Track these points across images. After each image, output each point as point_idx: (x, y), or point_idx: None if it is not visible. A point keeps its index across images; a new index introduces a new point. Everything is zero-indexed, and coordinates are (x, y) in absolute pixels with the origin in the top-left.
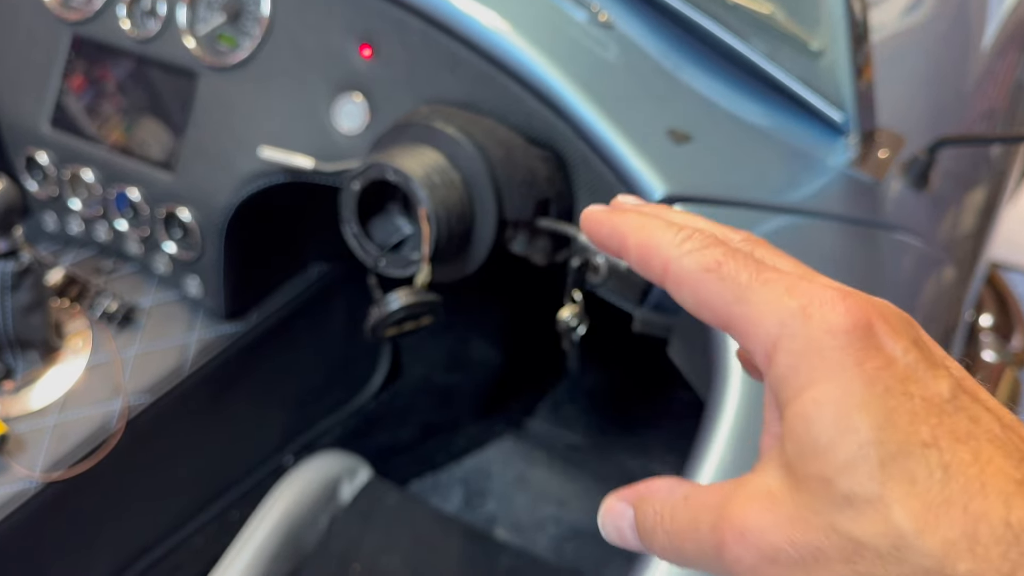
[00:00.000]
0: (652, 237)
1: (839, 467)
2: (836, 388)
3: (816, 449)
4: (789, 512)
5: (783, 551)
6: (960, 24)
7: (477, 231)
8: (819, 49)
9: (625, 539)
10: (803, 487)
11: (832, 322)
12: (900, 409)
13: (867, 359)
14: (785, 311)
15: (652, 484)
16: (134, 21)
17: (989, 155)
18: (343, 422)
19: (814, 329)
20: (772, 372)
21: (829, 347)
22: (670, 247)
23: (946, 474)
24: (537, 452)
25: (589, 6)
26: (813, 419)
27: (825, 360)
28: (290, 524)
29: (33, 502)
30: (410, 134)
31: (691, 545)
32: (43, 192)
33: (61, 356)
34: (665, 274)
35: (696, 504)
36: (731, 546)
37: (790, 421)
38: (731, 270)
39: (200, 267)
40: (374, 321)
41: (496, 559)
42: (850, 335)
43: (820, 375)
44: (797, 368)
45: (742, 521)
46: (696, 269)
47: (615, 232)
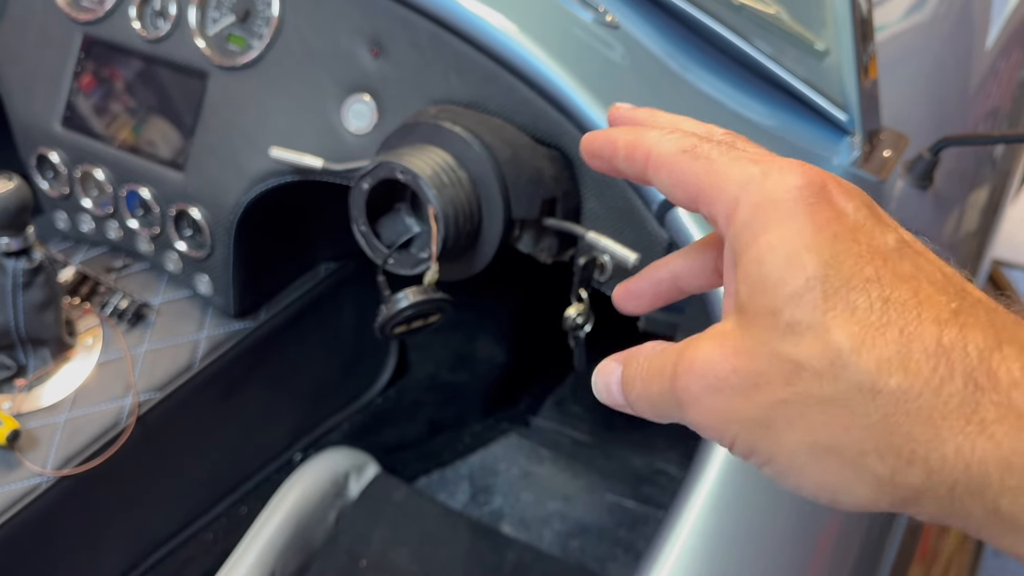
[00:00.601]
0: (639, 135)
1: (785, 299)
2: (788, 232)
3: (766, 285)
4: (736, 344)
5: (726, 379)
6: (964, 24)
7: (484, 230)
8: (824, 49)
9: (612, 395)
10: (751, 322)
11: (788, 180)
12: (847, 252)
13: (818, 211)
14: (747, 175)
15: (641, 347)
16: (144, 21)
17: (992, 154)
18: (351, 418)
19: (771, 185)
20: (731, 230)
21: (783, 199)
22: (653, 138)
23: (886, 305)
24: (543, 449)
25: (595, 7)
26: (765, 259)
27: (779, 210)
28: (299, 519)
29: (45, 497)
30: (418, 134)
31: (656, 386)
32: (55, 191)
33: (73, 353)
34: (647, 162)
35: (666, 350)
36: (681, 377)
37: (745, 267)
38: (705, 150)
39: (210, 265)
40: (383, 319)
41: (502, 554)
42: (803, 190)
43: (774, 223)
44: (753, 219)
45: (693, 355)
46: (674, 151)
47: (607, 140)
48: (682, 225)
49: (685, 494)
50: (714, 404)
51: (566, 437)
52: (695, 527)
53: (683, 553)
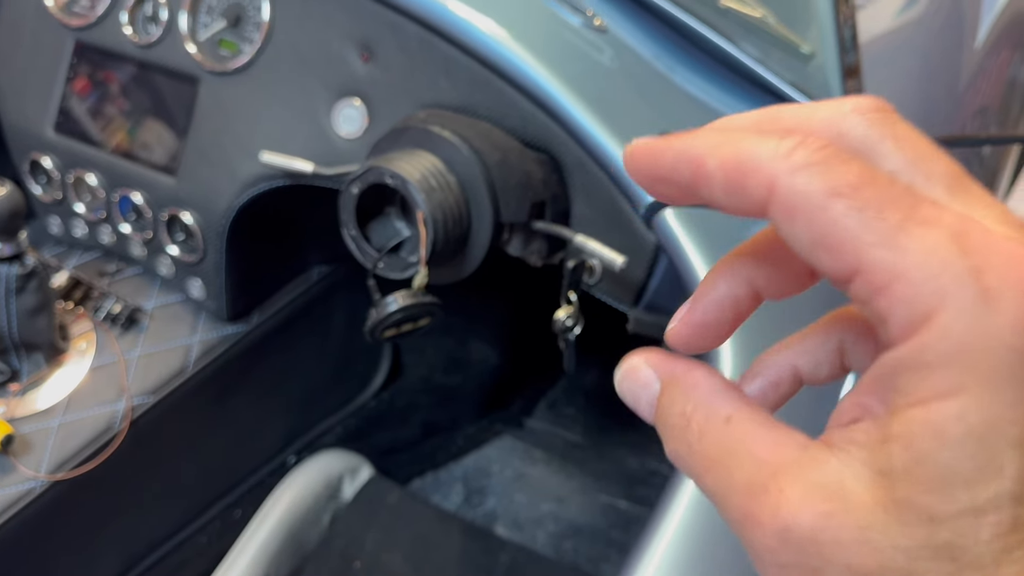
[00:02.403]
0: (744, 150)
1: (959, 511)
2: (995, 408)
3: (938, 477)
4: (859, 529)
5: (832, 569)
6: (953, 22)
7: (474, 234)
8: (809, 52)
9: (640, 410)
10: (896, 512)
11: (1020, 311)
12: None
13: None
14: (951, 271)
15: (692, 370)
16: (136, 27)
17: (981, 153)
18: (344, 421)
19: (995, 313)
20: (909, 350)
21: (1005, 345)
22: (774, 159)
23: None
24: (536, 450)
25: (584, 11)
26: (950, 439)
27: (993, 362)
28: (292, 522)
29: (39, 502)
30: (407, 138)
31: (710, 484)
32: (48, 196)
33: (66, 358)
34: (771, 198)
35: (737, 443)
36: (760, 531)
37: (913, 426)
38: (872, 198)
39: (202, 269)
40: (372, 323)
41: (496, 556)
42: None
43: (978, 381)
44: (950, 360)
45: (792, 513)
46: (819, 192)
47: (683, 156)
48: (669, 228)
49: (672, 491)
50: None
51: (559, 438)
52: (681, 524)
53: (669, 550)
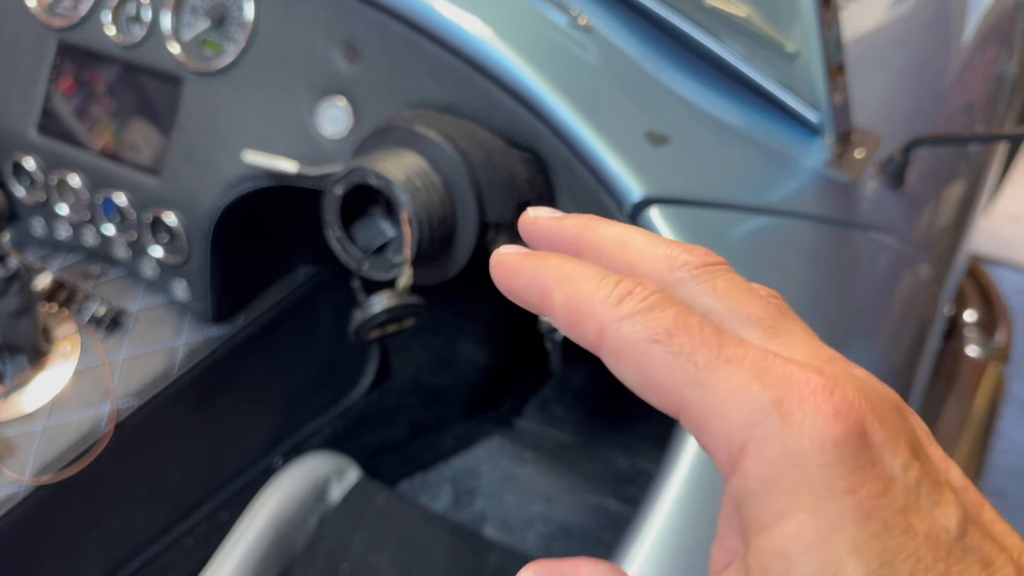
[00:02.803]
0: (581, 291)
1: None
2: (823, 522)
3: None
4: None
5: None
6: (940, 19)
7: (459, 234)
8: (794, 51)
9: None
10: None
11: (819, 430)
12: (901, 553)
13: (862, 484)
14: (755, 405)
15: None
16: (119, 27)
17: (967, 151)
18: (332, 423)
19: (795, 437)
20: (737, 482)
21: (814, 464)
22: (605, 306)
23: None
24: (525, 451)
25: (569, 10)
26: (793, 560)
27: (809, 481)
28: (279, 524)
29: (23, 506)
30: (392, 138)
31: None
32: (30, 198)
33: (50, 360)
34: (600, 342)
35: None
36: None
37: (762, 556)
38: (684, 343)
39: (187, 271)
40: (357, 323)
41: (485, 557)
42: (841, 448)
43: (802, 501)
44: (772, 486)
45: None
46: (640, 339)
47: (534, 283)
48: (654, 228)
49: (656, 490)
50: None
51: (549, 439)
52: (665, 522)
53: (653, 548)
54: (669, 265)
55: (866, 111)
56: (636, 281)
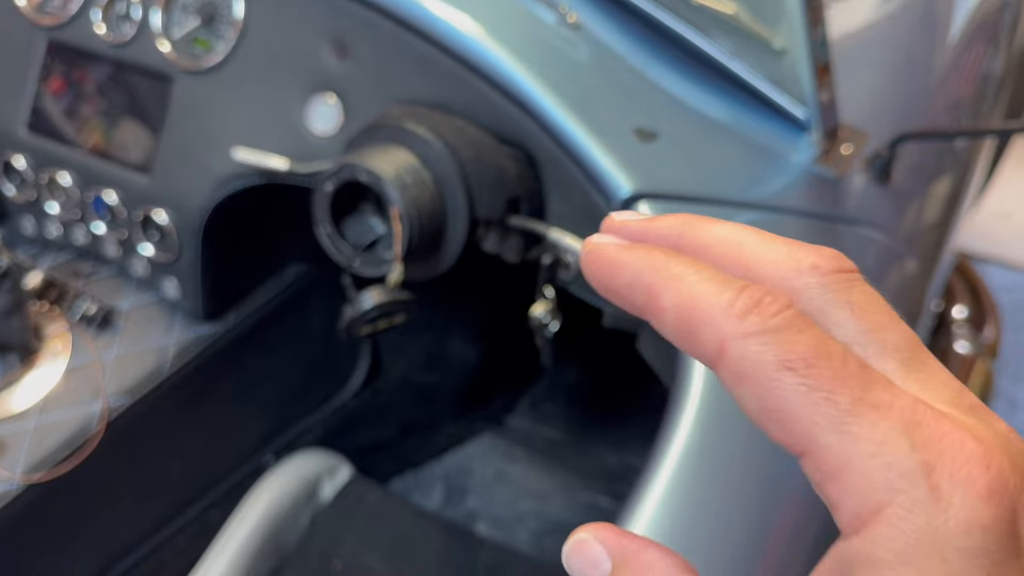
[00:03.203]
0: (697, 295)
1: None
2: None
3: None
4: None
5: None
6: (927, 17)
7: (449, 230)
8: (781, 48)
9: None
10: None
11: (967, 511)
12: None
13: (987, 556)
14: (902, 467)
15: (646, 550)
16: (109, 25)
17: (954, 148)
18: (323, 421)
19: (941, 513)
20: (861, 546)
21: (956, 547)
22: (727, 317)
23: None
24: (517, 448)
25: (558, 7)
26: None
27: (946, 565)
28: (271, 523)
29: (14, 504)
30: (382, 135)
31: None
32: (20, 196)
33: (40, 359)
34: (720, 358)
35: None
36: None
37: None
38: (824, 377)
39: (178, 269)
40: (348, 320)
41: (477, 554)
42: (987, 535)
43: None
44: (900, 561)
45: None
46: (770, 363)
47: (638, 280)
48: None
49: (644, 482)
50: None
51: (540, 436)
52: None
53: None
54: (795, 269)
55: (853, 108)
56: (764, 290)
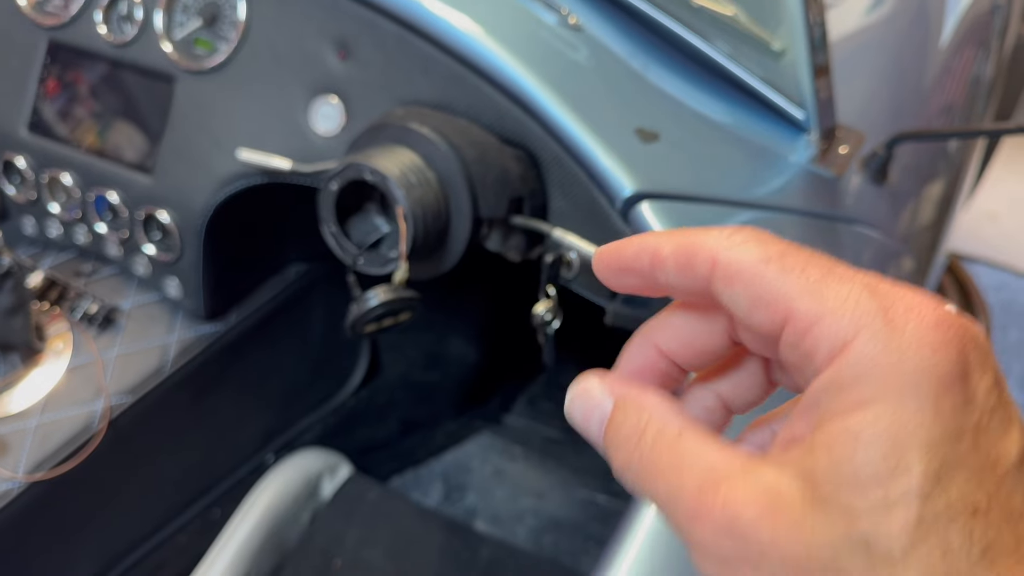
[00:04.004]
0: (692, 236)
1: (872, 506)
2: (901, 415)
3: (854, 475)
4: (792, 524)
5: (767, 560)
6: (919, 22)
7: (453, 229)
8: (780, 49)
9: (588, 430)
10: (820, 508)
11: (920, 335)
12: (961, 465)
13: (947, 392)
14: (865, 310)
15: (645, 392)
16: (111, 26)
17: (947, 149)
18: (323, 420)
19: (897, 336)
20: (829, 375)
21: (909, 362)
22: (717, 240)
23: (984, 555)
24: (515, 446)
25: (559, 9)
26: (864, 442)
27: (899, 376)
28: (272, 521)
29: (16, 503)
30: (386, 135)
31: (662, 489)
32: (22, 196)
33: (42, 358)
34: (714, 270)
35: (689, 453)
36: (709, 525)
37: (832, 435)
38: (798, 261)
39: (179, 268)
40: (354, 318)
41: (476, 551)
42: (937, 354)
43: (887, 393)
44: (863, 377)
45: (738, 509)
46: (754, 260)
47: (643, 247)
48: (645, 222)
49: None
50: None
51: (538, 434)
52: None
53: (646, 543)
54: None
55: (849, 110)
56: (740, 227)
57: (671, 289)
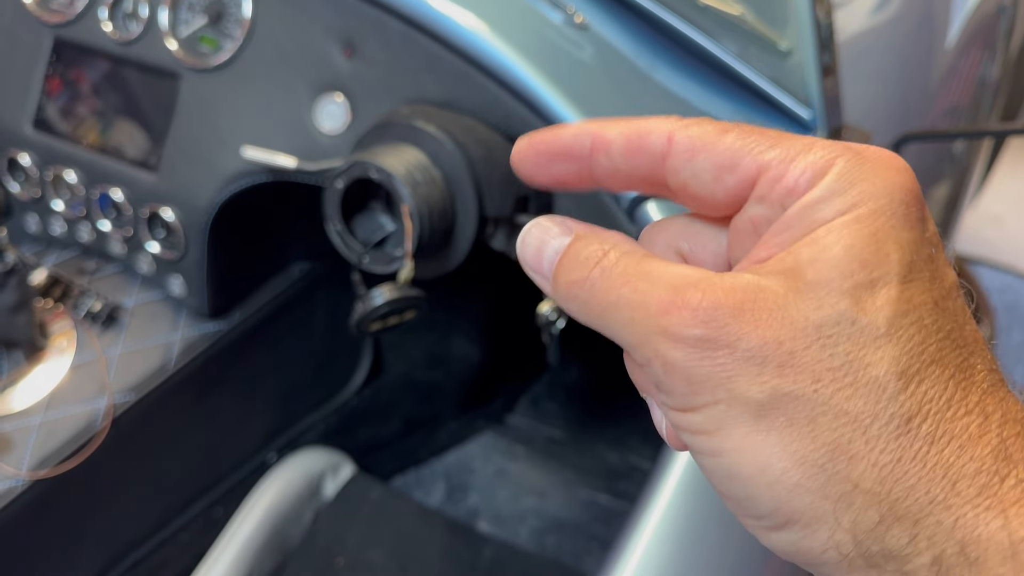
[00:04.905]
0: (644, 121)
1: (856, 284)
2: (880, 218)
3: (838, 259)
4: (775, 308)
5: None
6: (926, 23)
7: (458, 228)
8: (787, 49)
9: (542, 256)
10: (805, 292)
11: (888, 162)
12: (926, 264)
13: (913, 206)
14: (834, 147)
15: (605, 229)
16: (116, 23)
17: (953, 151)
18: (326, 419)
19: (870, 163)
20: (813, 195)
21: (884, 181)
22: (670, 123)
23: (946, 339)
24: (518, 446)
25: (565, 8)
26: (848, 233)
27: (877, 190)
28: (275, 520)
29: (20, 500)
30: (392, 133)
31: (626, 296)
32: (25, 193)
33: (46, 356)
34: (670, 147)
35: (658, 267)
36: (686, 313)
37: (820, 232)
38: (751, 128)
39: (183, 266)
40: (359, 316)
41: (479, 551)
42: (903, 177)
43: (868, 201)
44: (846, 190)
45: (718, 298)
46: (713, 132)
47: (583, 131)
48: (650, 220)
49: (653, 485)
50: (712, 361)
51: (541, 434)
52: (662, 518)
53: (651, 543)
54: None
55: (855, 110)
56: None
57: (609, 175)
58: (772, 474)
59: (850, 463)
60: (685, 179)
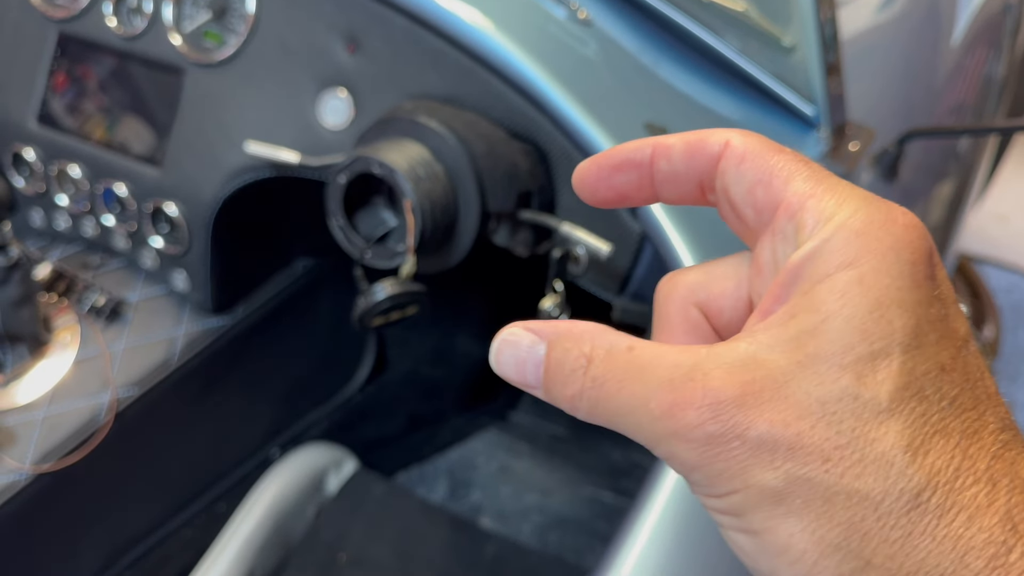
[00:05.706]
0: (704, 131)
1: (858, 358)
2: (884, 278)
3: (840, 329)
4: (778, 387)
5: (755, 428)
6: (931, 20)
7: (461, 223)
8: (791, 45)
9: (525, 373)
10: (807, 366)
11: (898, 218)
12: (932, 326)
13: (921, 264)
14: (850, 194)
15: (577, 324)
16: (120, 19)
17: (957, 149)
18: (329, 415)
19: (880, 216)
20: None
21: (891, 237)
22: (731, 132)
23: (951, 406)
24: (521, 443)
25: (569, 3)
26: (850, 298)
27: (882, 246)
28: (277, 515)
29: (23, 494)
30: (394, 128)
31: (626, 399)
32: (30, 188)
33: (50, 350)
34: (725, 151)
35: (648, 359)
36: (696, 411)
37: (821, 293)
38: (804, 160)
39: (187, 261)
40: (361, 311)
41: (481, 547)
42: (912, 234)
43: (871, 259)
44: (848, 244)
45: (721, 388)
46: (765, 148)
47: (645, 142)
48: (654, 217)
49: (652, 483)
50: (728, 455)
51: (544, 431)
52: (662, 514)
53: (650, 539)
54: None
55: (860, 108)
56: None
57: (667, 180)
58: (793, 554)
59: (863, 541)
60: (728, 183)
